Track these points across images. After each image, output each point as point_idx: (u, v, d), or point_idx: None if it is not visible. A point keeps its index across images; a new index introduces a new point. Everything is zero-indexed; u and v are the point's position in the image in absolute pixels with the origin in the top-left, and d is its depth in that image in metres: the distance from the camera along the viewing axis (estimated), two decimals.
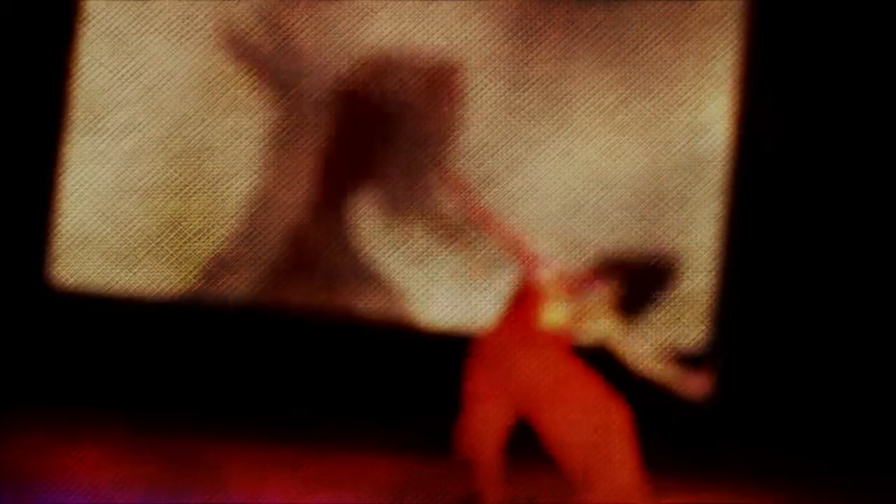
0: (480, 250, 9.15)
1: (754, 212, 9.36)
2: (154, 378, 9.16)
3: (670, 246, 9.35)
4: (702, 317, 9.37)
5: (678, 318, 9.37)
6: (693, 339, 9.35)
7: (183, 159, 9.33)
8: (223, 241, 9.35)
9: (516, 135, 9.39)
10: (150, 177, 9.30)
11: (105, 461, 7.35)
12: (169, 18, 9.35)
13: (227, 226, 9.34)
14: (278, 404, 9.05)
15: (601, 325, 6.54)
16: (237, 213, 9.35)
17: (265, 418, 8.83)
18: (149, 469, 7.26)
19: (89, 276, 9.27)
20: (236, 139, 9.38)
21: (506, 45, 9.40)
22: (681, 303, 9.34)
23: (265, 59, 9.35)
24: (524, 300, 6.50)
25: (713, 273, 9.37)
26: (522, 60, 9.39)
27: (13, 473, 6.73)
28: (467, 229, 8.46)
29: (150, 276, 9.31)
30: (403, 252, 9.29)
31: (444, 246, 9.24)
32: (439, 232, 9.16)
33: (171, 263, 9.33)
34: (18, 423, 7.98)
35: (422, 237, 9.26)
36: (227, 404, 9.02)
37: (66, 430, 7.87)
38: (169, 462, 7.49)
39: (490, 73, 9.40)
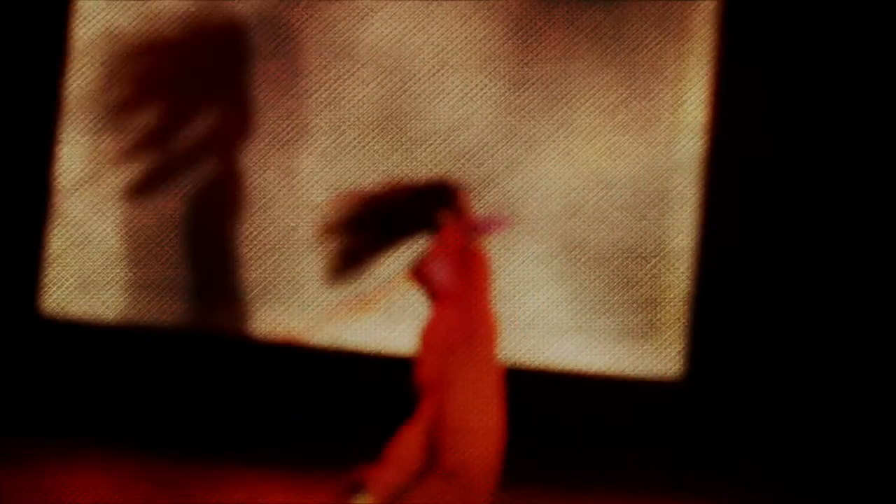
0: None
1: (736, 211, 9.33)
2: (139, 404, 9.17)
3: (671, 245, 9.36)
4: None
5: (681, 317, 9.37)
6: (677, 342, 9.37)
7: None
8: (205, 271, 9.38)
9: (516, 135, 9.39)
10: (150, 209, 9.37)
11: (95, 486, 7.34)
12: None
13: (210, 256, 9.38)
14: (270, 424, 9.06)
15: None
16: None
17: (257, 438, 8.83)
18: (138, 491, 7.25)
19: (77, 305, 9.31)
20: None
21: (506, 45, 9.40)
22: (684, 302, 9.35)
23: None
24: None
25: (691, 274, 9.35)
26: (522, 60, 9.39)
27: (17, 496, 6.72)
28: None
29: (132, 305, 9.34)
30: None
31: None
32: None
33: (154, 293, 9.35)
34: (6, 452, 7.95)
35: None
36: (219, 426, 9.02)
37: (54, 457, 7.83)
38: (159, 484, 7.47)
39: (490, 73, 9.40)
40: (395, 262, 6.83)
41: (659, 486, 8.48)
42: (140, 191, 9.37)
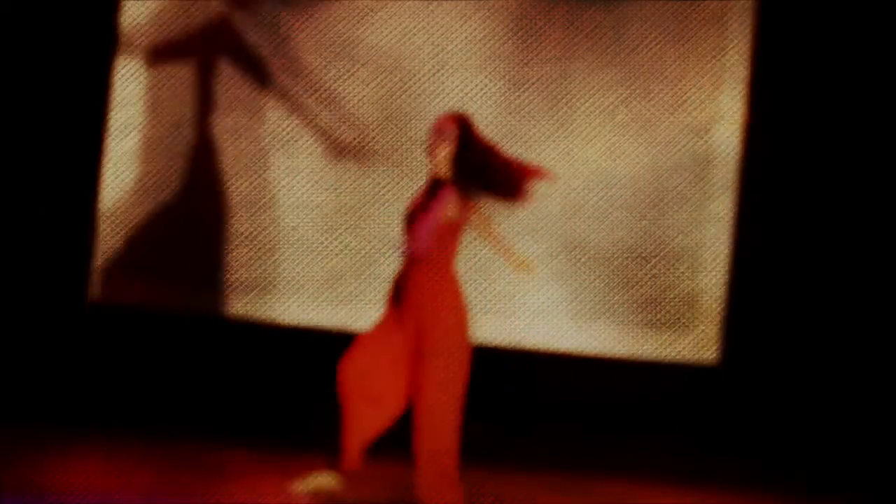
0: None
1: (764, 210, 9.31)
2: (152, 386, 9.21)
3: (671, 245, 9.36)
4: (708, 315, 9.36)
5: (680, 317, 9.37)
6: (700, 338, 9.36)
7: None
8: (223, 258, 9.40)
9: (516, 135, 9.39)
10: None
11: (105, 466, 7.35)
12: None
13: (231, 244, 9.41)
14: (280, 408, 9.08)
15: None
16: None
17: (267, 422, 8.84)
18: (149, 472, 7.27)
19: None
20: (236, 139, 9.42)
21: (506, 45, 9.40)
22: (683, 302, 9.35)
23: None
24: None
25: (723, 271, 9.35)
26: (522, 60, 9.40)
27: (17, 485, 6.72)
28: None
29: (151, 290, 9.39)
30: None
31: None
32: None
33: (172, 279, 9.39)
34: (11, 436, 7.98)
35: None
36: (229, 409, 9.04)
37: (64, 438, 7.85)
38: (169, 465, 7.49)
39: (490, 73, 9.40)
40: None
41: (689, 471, 8.47)
42: (185, 181, 9.43)
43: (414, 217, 6.81)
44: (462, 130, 6.84)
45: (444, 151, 6.81)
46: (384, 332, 6.81)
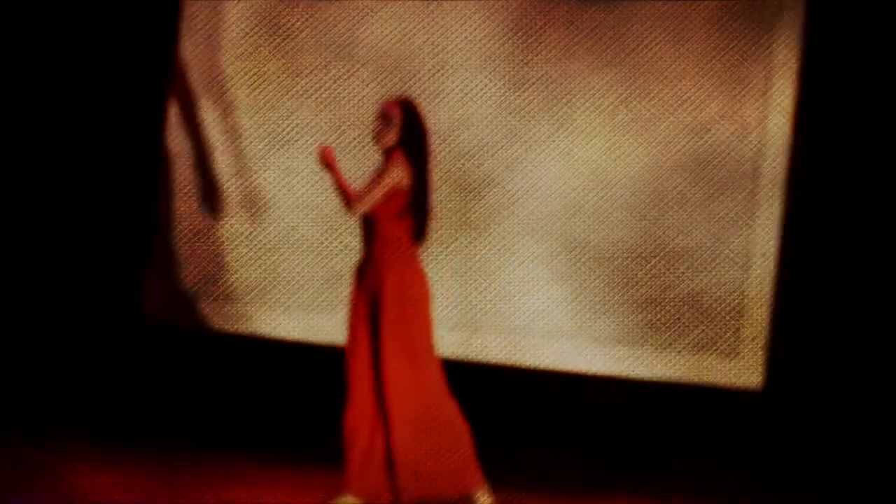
0: None
1: (817, 217, 9.23)
2: (157, 394, 9.23)
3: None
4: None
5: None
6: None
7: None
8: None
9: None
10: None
11: (101, 471, 7.36)
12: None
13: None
14: (288, 419, 9.10)
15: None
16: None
17: (276, 432, 8.86)
18: (145, 479, 7.27)
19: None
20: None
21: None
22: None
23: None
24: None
25: (772, 274, 9.31)
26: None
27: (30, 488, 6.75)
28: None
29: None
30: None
31: None
32: None
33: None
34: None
35: None
36: (236, 419, 9.05)
37: (51, 455, 7.85)
38: (173, 472, 7.50)
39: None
40: None
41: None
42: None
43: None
44: (407, 115, 6.83)
45: (391, 138, 6.81)
46: (361, 336, 6.80)
